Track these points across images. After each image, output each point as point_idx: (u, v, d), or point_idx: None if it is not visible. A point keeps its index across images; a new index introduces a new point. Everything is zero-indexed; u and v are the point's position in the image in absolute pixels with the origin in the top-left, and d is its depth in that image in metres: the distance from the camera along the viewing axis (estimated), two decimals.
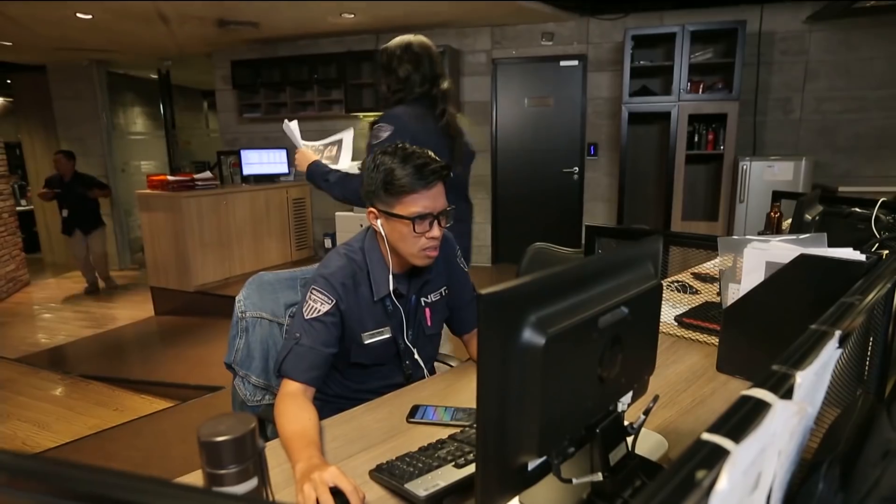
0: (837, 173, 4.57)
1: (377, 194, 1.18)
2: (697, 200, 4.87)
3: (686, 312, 1.66)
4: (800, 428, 0.68)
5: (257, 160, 5.58)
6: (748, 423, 0.49)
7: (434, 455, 0.92)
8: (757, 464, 0.52)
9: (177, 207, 4.70)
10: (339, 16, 4.65)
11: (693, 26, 4.33)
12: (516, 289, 0.62)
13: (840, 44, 4.43)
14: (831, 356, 0.72)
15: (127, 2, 4.00)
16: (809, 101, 4.60)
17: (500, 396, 0.64)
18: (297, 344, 1.16)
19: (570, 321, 0.67)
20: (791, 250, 1.18)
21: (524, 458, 0.69)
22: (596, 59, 4.96)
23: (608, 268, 0.80)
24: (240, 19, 4.68)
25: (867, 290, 0.93)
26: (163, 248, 4.84)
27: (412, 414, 1.11)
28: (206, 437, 0.62)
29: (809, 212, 1.95)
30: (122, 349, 4.22)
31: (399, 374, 1.32)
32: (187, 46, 5.75)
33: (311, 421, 1.03)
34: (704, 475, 0.42)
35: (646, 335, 0.88)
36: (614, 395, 0.83)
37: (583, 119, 5.09)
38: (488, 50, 5.20)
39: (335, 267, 1.22)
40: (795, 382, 0.58)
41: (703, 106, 4.45)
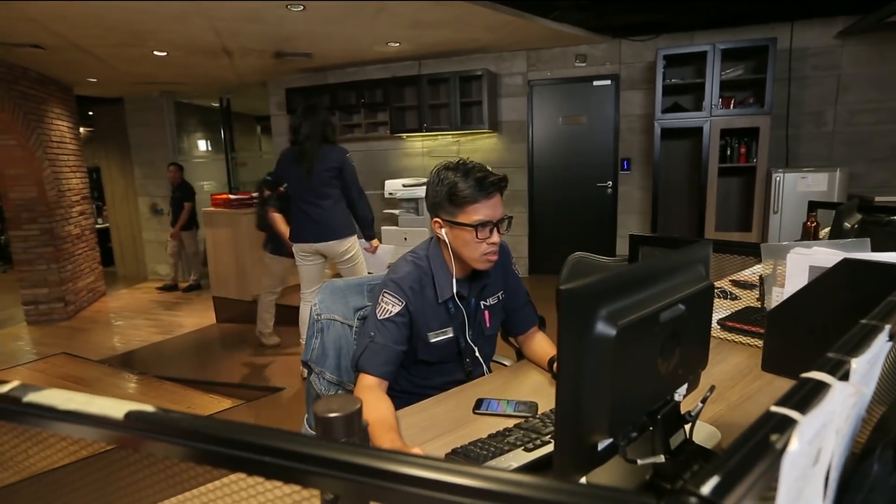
0: (873, 184, 4.42)
1: (442, 205, 1.25)
2: (730, 212, 4.78)
3: (728, 316, 1.67)
4: (854, 413, 0.70)
5: None
6: (811, 399, 0.53)
7: (504, 441, 0.97)
8: (819, 438, 0.56)
9: (237, 223, 4.90)
10: (385, 45, 4.82)
11: (724, 45, 4.30)
12: (591, 285, 0.68)
13: (872, 57, 4.32)
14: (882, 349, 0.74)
15: (195, 40, 4.26)
16: (842, 114, 4.48)
17: (577, 381, 0.69)
18: (371, 342, 1.23)
19: (636, 315, 0.72)
20: (834, 255, 1.20)
21: (595, 438, 0.74)
22: (628, 78, 4.97)
23: (666, 269, 0.84)
24: (295, 51, 4.90)
25: None
26: (224, 260, 5.05)
27: (477, 406, 1.17)
28: (322, 413, 0.69)
29: (848, 220, 1.92)
30: (188, 353, 4.42)
31: (460, 372, 1.38)
32: (246, 76, 6.04)
33: (389, 409, 1.09)
34: (778, 438, 0.46)
35: (700, 331, 0.92)
36: (672, 386, 0.87)
37: (616, 135, 5.09)
38: (524, 72, 5.27)
39: (404, 272, 1.30)
40: (851, 367, 0.62)
41: (734, 121, 4.40)
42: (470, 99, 5.20)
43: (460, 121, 5.23)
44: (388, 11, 3.83)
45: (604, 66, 5.01)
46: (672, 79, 4.56)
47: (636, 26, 4.72)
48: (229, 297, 5.08)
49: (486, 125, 5.15)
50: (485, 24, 4.22)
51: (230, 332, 4.84)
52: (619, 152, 5.10)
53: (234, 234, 4.95)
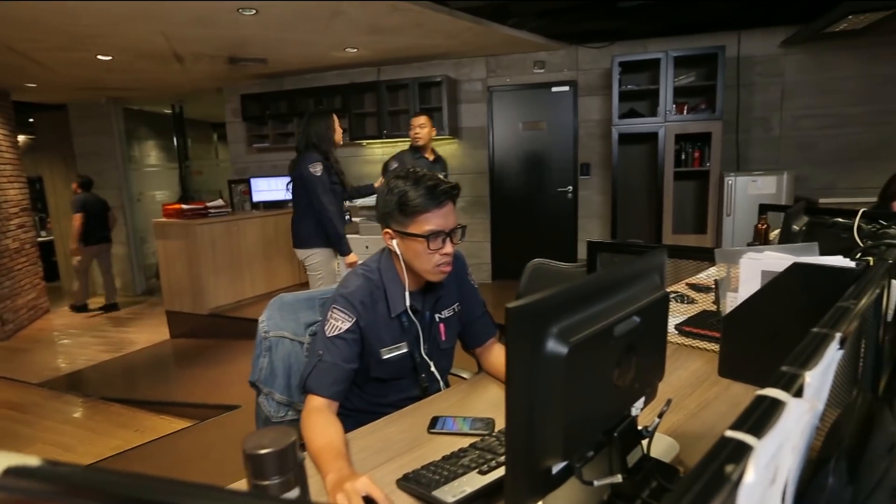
0: (817, 186, 4.61)
1: (392, 215, 1.20)
2: (686, 215, 4.90)
3: (685, 321, 1.68)
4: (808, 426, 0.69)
5: (266, 187, 5.62)
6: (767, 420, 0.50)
7: (458, 463, 0.92)
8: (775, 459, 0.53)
9: (191, 234, 4.72)
10: (343, 51, 4.74)
11: (676, 52, 4.41)
12: (540, 302, 0.64)
13: (814, 65, 4.52)
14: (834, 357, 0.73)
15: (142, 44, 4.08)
16: (788, 119, 4.67)
17: (528, 403, 0.65)
18: (320, 361, 1.17)
19: (589, 330, 0.68)
20: (784, 259, 1.20)
21: (549, 462, 0.70)
22: (586, 84, 5.04)
23: (620, 280, 0.82)
24: (249, 56, 4.77)
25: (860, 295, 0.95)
26: (177, 273, 4.85)
27: (432, 425, 1.12)
28: (252, 450, 0.63)
29: (796, 223, 1.97)
30: (139, 372, 4.20)
31: (416, 388, 1.33)
32: (199, 82, 5.84)
33: (337, 434, 1.03)
34: (733, 469, 0.43)
35: (656, 342, 0.89)
36: (629, 401, 0.84)
37: (575, 141, 5.15)
38: (483, 78, 5.29)
39: (354, 286, 1.24)
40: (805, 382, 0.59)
41: (688, 126, 4.52)
42: (430, 105, 5.17)
43: None
44: (345, 17, 3.76)
45: (562, 72, 5.08)
46: (628, 85, 4.65)
47: (592, 34, 4.79)
48: (184, 311, 4.88)
49: (447, 131, 5.13)
50: (443, 30, 4.20)
51: (185, 347, 4.64)
52: (579, 157, 5.16)
53: (188, 246, 4.77)
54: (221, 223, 4.94)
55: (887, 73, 4.35)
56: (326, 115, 3.17)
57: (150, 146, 7.36)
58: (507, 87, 5.25)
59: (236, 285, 5.05)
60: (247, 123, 5.93)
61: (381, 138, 5.37)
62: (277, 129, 5.83)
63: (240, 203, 5.74)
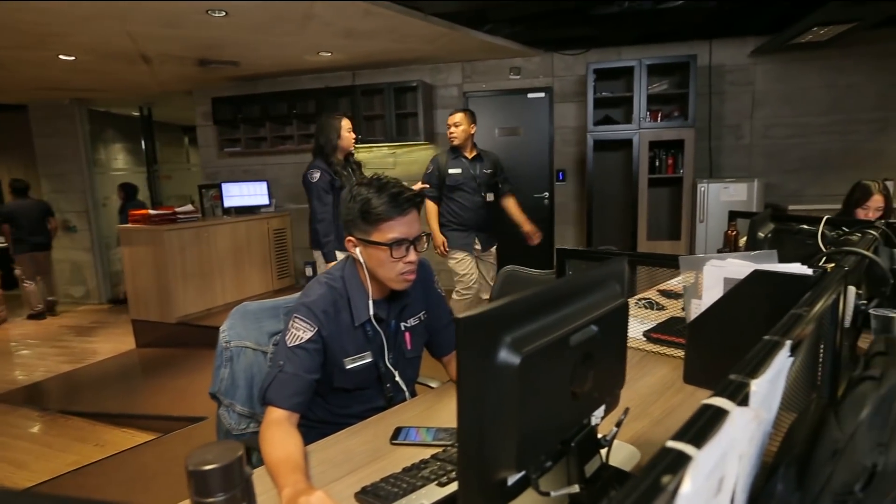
0: (786, 193, 4.75)
1: (355, 223, 1.20)
2: (661, 221, 4.99)
3: (653, 328, 1.70)
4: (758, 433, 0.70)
5: (238, 192, 5.54)
6: (709, 429, 0.51)
7: (417, 475, 0.92)
8: (719, 468, 0.54)
9: (158, 240, 4.62)
10: (317, 54, 4.71)
11: (649, 60, 4.50)
12: (492, 312, 0.64)
13: (782, 75, 4.66)
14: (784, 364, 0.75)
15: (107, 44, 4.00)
16: (758, 128, 4.80)
17: (479, 414, 0.65)
18: (280, 371, 1.15)
19: (542, 341, 0.69)
20: (745, 266, 1.23)
21: (504, 473, 0.70)
22: (561, 91, 5.11)
23: (577, 289, 0.82)
24: (220, 59, 4.71)
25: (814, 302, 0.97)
26: (144, 280, 4.74)
27: (395, 436, 1.11)
28: (195, 466, 0.62)
29: (762, 230, 2.02)
30: (102, 383, 4.08)
31: (381, 398, 1.32)
32: (168, 85, 5.74)
33: (296, 447, 1.01)
34: (669, 480, 0.43)
35: (615, 351, 0.90)
36: (587, 410, 0.85)
37: (551, 147, 5.21)
38: (459, 84, 5.31)
39: (316, 295, 1.23)
40: (751, 390, 0.61)
41: (661, 133, 4.61)
42: (405, 110, 5.17)
43: (396, 132, 5.19)
44: (318, 20, 3.74)
45: (537, 78, 5.14)
46: (603, 92, 4.73)
47: (568, 40, 4.87)
48: (150, 320, 4.77)
49: (422, 137, 5.13)
50: (418, 35, 4.22)
51: (151, 357, 4.53)
52: (555, 164, 5.22)
53: (156, 252, 4.67)
54: (191, 229, 4.85)
55: (850, 84, 4.52)
56: (332, 119, 3.18)
57: (117, 149, 7.20)
58: (484, 92, 5.29)
59: (206, 293, 4.96)
60: (218, 127, 5.85)
61: (357, 143, 5.34)
62: (250, 134, 5.77)
63: (211, 209, 5.65)
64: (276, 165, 5.90)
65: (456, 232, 3.46)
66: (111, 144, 7.09)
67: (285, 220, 5.84)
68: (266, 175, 5.86)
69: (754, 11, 4.03)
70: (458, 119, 3.43)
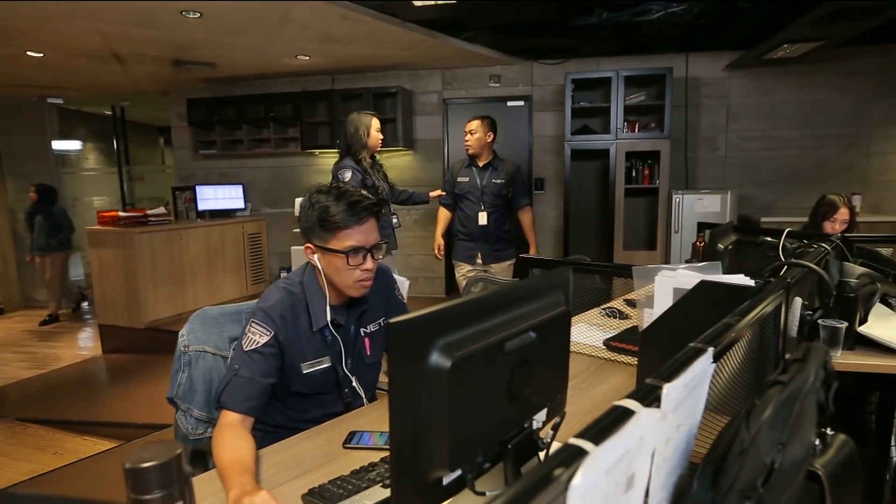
0: (760, 205, 4.89)
1: (313, 230, 1.23)
2: (638, 231, 5.10)
3: (614, 336, 1.76)
4: (678, 434, 0.75)
5: (213, 196, 5.52)
6: (612, 428, 0.56)
7: (365, 477, 0.95)
8: (624, 465, 0.59)
9: (128, 243, 4.59)
10: (294, 58, 4.74)
11: (626, 71, 4.62)
12: (424, 317, 0.68)
13: (756, 89, 4.82)
14: (706, 370, 0.80)
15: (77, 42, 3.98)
16: (733, 140, 4.95)
17: (412, 415, 0.69)
18: (235, 375, 1.18)
19: (475, 346, 0.73)
20: (693, 277, 1.30)
21: (438, 473, 0.74)
22: (540, 100, 5.21)
23: (518, 297, 0.87)
24: (196, 60, 4.71)
25: (747, 312, 1.04)
26: (112, 284, 4.69)
27: (348, 440, 1.14)
28: (132, 464, 0.65)
29: (723, 241, 2.10)
30: (65, 390, 4.02)
31: (339, 403, 1.35)
32: (142, 84, 5.71)
33: (247, 450, 1.04)
34: (562, 472, 0.48)
35: (555, 358, 0.95)
36: (528, 413, 0.89)
37: (530, 156, 5.30)
38: (439, 91, 5.38)
39: (274, 300, 1.26)
40: (663, 393, 0.66)
41: (638, 144, 4.72)
42: (384, 116, 5.20)
43: None
44: (295, 24, 3.78)
45: (517, 87, 5.23)
46: (581, 102, 4.83)
47: (547, 50, 4.97)
48: (118, 325, 4.72)
49: (401, 143, 5.18)
50: (396, 41, 4.27)
51: (118, 363, 4.48)
52: (534, 172, 5.30)
53: (125, 255, 4.63)
54: (162, 232, 4.82)
55: (820, 100, 4.69)
56: (362, 116, 3.13)
57: (88, 149, 7.12)
58: (463, 99, 5.36)
59: (177, 298, 4.92)
60: (193, 129, 5.83)
61: (334, 148, 5.37)
62: (225, 136, 5.76)
63: (185, 212, 5.62)
64: (252, 169, 5.89)
65: (461, 242, 3.48)
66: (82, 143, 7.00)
67: (261, 224, 5.83)
68: (242, 178, 5.85)
69: (729, 26, 4.17)
70: (473, 126, 3.38)
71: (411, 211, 5.45)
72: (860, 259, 2.17)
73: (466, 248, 3.46)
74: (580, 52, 4.99)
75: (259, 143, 5.71)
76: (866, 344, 1.67)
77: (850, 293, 1.65)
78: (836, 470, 0.78)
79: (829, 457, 0.79)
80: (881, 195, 4.71)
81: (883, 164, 4.70)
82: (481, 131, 3.37)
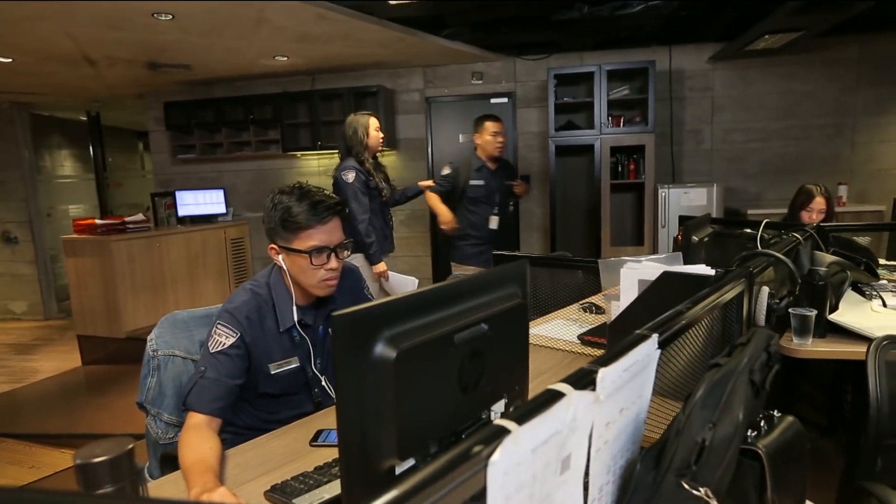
0: (746, 197, 4.97)
1: (277, 231, 1.27)
2: (625, 226, 5.16)
3: (588, 331, 1.81)
4: (622, 418, 0.79)
5: (193, 201, 5.53)
6: (539, 409, 0.60)
7: (328, 472, 0.99)
8: (554, 445, 0.62)
9: (106, 251, 4.59)
10: (272, 59, 4.77)
11: (609, 66, 4.68)
12: (369, 310, 0.72)
13: (739, 81, 4.89)
14: (650, 356, 0.84)
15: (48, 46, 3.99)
16: (718, 133, 5.02)
17: (359, 406, 0.73)
18: (201, 377, 1.21)
19: (423, 337, 0.77)
20: (657, 269, 1.34)
21: (389, 462, 0.77)
22: (524, 96, 5.26)
23: (470, 289, 0.91)
24: (171, 62, 4.72)
25: (701, 300, 1.08)
26: (91, 294, 4.69)
27: (315, 438, 1.17)
28: (82, 460, 0.68)
29: (699, 234, 2.15)
30: (43, 403, 4.02)
31: (309, 403, 1.38)
32: (117, 88, 5.71)
33: (211, 449, 1.07)
34: (481, 449, 0.51)
35: (511, 349, 0.99)
36: (484, 404, 0.93)
37: (515, 153, 5.35)
38: (421, 89, 5.42)
39: (239, 301, 1.29)
40: (598, 377, 0.70)
41: (622, 138, 4.78)
42: None
43: None
44: (271, 24, 3.80)
45: (500, 83, 5.28)
46: (564, 97, 4.89)
47: (529, 45, 5.02)
48: (97, 336, 4.72)
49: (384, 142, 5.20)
50: (375, 40, 4.31)
51: (98, 375, 4.48)
52: (519, 169, 5.34)
53: (103, 264, 4.63)
54: (141, 239, 4.83)
55: (803, 91, 4.77)
56: (359, 116, 3.24)
57: (63, 155, 7.09)
58: (446, 97, 5.41)
59: (158, 306, 4.92)
60: (171, 133, 5.83)
61: (316, 149, 5.40)
62: (204, 140, 5.76)
63: (165, 218, 5.62)
64: (232, 172, 5.90)
65: (470, 246, 3.53)
66: (57, 150, 6.98)
67: (243, 229, 5.84)
68: (222, 182, 5.86)
69: (710, 18, 4.24)
70: (501, 128, 3.49)
71: (396, 212, 5.48)
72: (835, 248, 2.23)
73: (477, 251, 3.52)
74: (562, 47, 5.05)
75: (239, 146, 5.72)
76: (838, 332, 1.72)
77: (819, 281, 1.70)
78: (779, 450, 0.82)
79: (772, 438, 0.83)
80: (867, 184, 4.80)
81: (868, 153, 4.79)
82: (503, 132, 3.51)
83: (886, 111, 4.70)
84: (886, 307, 1.86)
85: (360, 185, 3.10)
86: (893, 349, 1.30)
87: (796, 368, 2.38)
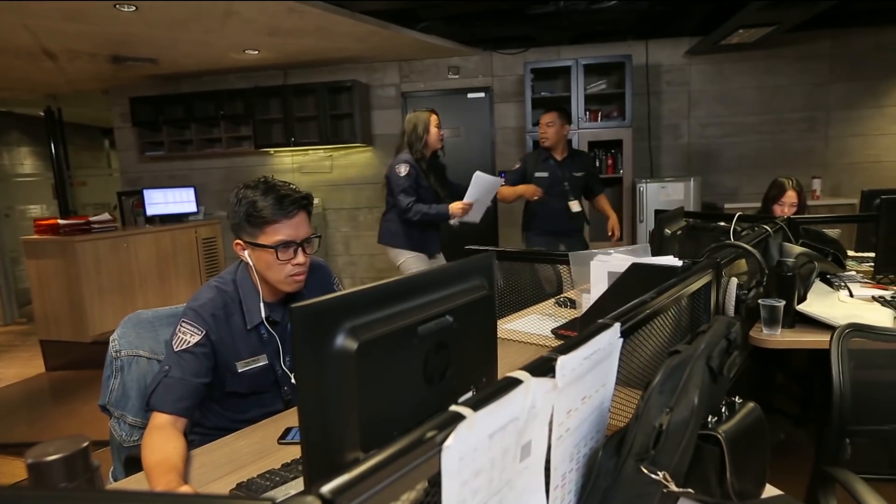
0: (724, 192, 5.08)
1: (242, 226, 1.26)
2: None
3: (561, 325, 1.84)
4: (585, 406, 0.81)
5: (162, 200, 5.44)
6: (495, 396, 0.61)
7: (294, 469, 0.99)
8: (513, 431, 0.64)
9: (70, 253, 4.49)
10: (243, 52, 4.72)
11: (585, 60, 4.74)
12: (328, 301, 0.73)
13: (716, 75, 4.99)
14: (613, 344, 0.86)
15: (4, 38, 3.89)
16: (695, 127, 5.11)
17: (320, 398, 0.74)
18: (165, 376, 1.20)
19: (385, 329, 0.78)
20: (625, 261, 1.37)
21: (352, 454, 0.78)
22: (501, 91, 5.29)
23: (434, 281, 0.92)
24: (135, 56, 4.64)
25: (665, 290, 1.11)
26: (54, 297, 4.59)
27: (283, 435, 1.18)
28: (34, 459, 0.68)
29: (670, 227, 2.20)
30: (4, 412, 3.92)
31: (279, 401, 1.38)
32: (80, 83, 5.59)
33: (175, 450, 1.07)
34: (435, 434, 0.53)
35: (478, 341, 1.00)
36: (451, 396, 0.95)
37: (492, 148, 5.38)
38: (397, 84, 5.42)
39: (205, 299, 1.28)
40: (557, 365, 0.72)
41: (600, 133, 4.84)
42: (340, 111, 5.23)
43: (331, 134, 5.24)
44: (239, 17, 3.76)
45: (477, 78, 5.30)
46: (541, 92, 4.93)
47: (506, 39, 5.06)
48: (62, 340, 4.62)
49: (359, 138, 5.20)
50: (348, 33, 4.29)
51: (63, 380, 4.39)
52: (497, 165, 5.38)
53: (67, 266, 4.53)
54: (107, 239, 4.74)
55: (778, 85, 4.89)
56: (420, 112, 3.22)
57: (23, 153, 6.92)
58: (422, 92, 5.41)
59: (126, 308, 4.82)
60: (138, 129, 5.73)
61: (290, 146, 5.36)
62: (174, 136, 5.68)
63: (132, 217, 5.52)
64: (203, 170, 5.82)
65: (539, 237, 3.62)
66: (15, 148, 6.81)
67: (215, 228, 5.76)
68: (193, 180, 5.78)
69: (685, 12, 4.32)
70: (551, 118, 3.47)
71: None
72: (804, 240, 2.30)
73: (543, 242, 3.65)
74: (539, 42, 5.09)
75: (210, 143, 5.65)
76: (806, 322, 1.78)
77: (787, 272, 1.75)
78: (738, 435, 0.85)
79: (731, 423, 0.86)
80: (840, 178, 4.94)
81: (840, 147, 4.93)
82: (558, 123, 3.50)
83: (858, 105, 4.85)
84: (853, 297, 1.92)
85: (412, 181, 3.09)
86: (856, 337, 1.35)
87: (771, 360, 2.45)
